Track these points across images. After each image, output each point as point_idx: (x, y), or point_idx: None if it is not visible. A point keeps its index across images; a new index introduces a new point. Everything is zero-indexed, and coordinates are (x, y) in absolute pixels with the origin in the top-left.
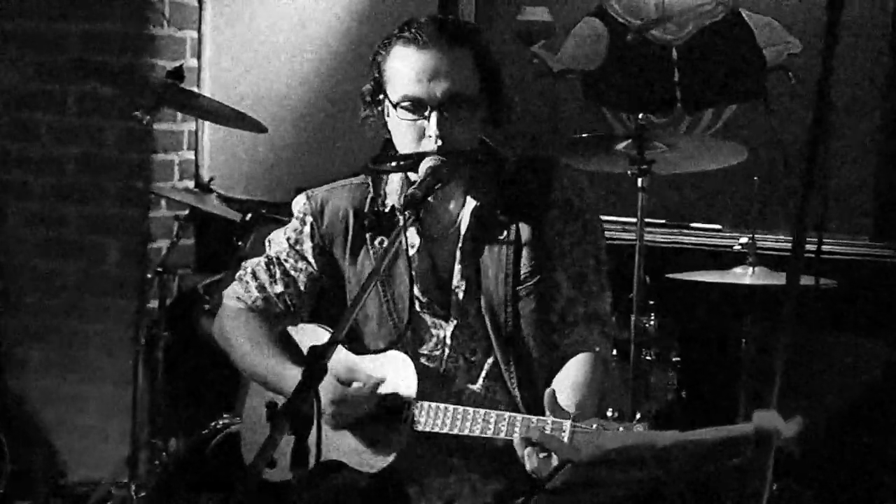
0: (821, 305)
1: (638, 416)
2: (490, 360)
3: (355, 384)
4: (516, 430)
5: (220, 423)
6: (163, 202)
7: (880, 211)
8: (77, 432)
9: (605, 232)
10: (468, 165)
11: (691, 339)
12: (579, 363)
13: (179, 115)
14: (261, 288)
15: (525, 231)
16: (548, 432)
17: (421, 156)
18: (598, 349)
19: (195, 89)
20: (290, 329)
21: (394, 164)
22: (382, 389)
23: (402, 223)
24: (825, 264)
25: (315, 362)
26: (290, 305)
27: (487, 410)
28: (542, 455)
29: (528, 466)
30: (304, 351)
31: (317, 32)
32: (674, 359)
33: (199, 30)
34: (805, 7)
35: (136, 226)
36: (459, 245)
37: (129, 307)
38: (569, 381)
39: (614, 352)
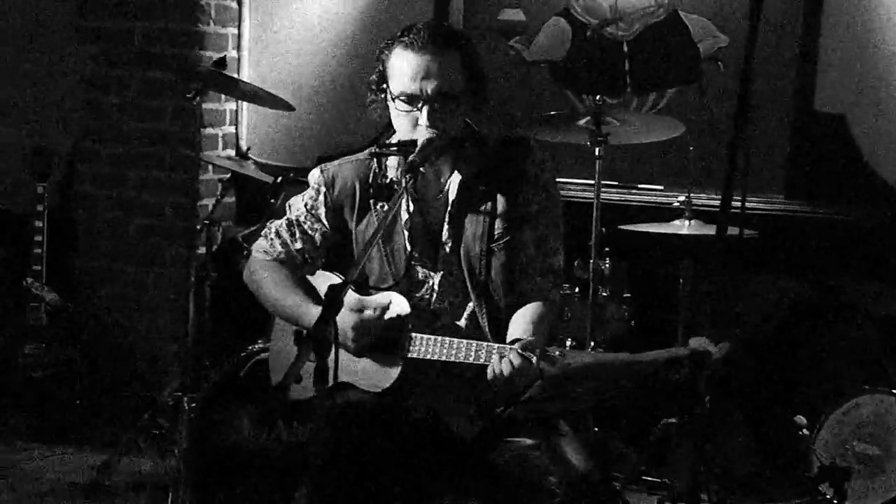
0: (744, 252)
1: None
2: (470, 304)
3: (367, 312)
4: (493, 355)
5: (255, 347)
6: (209, 167)
7: (793, 174)
8: (139, 355)
9: (569, 191)
10: (456, 146)
11: (639, 279)
12: (535, 307)
13: (223, 96)
14: (283, 244)
15: (501, 201)
16: (518, 361)
17: (415, 143)
18: (550, 298)
19: (236, 75)
20: (308, 277)
21: (394, 148)
22: (385, 315)
23: (403, 185)
24: (748, 218)
25: (334, 297)
26: (308, 258)
27: (469, 341)
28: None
29: (492, 373)
30: (321, 293)
31: (334, 29)
32: (625, 295)
33: (239, 27)
34: (731, 9)
35: (188, 186)
36: (448, 210)
37: (181, 253)
38: (526, 319)
39: (577, 289)
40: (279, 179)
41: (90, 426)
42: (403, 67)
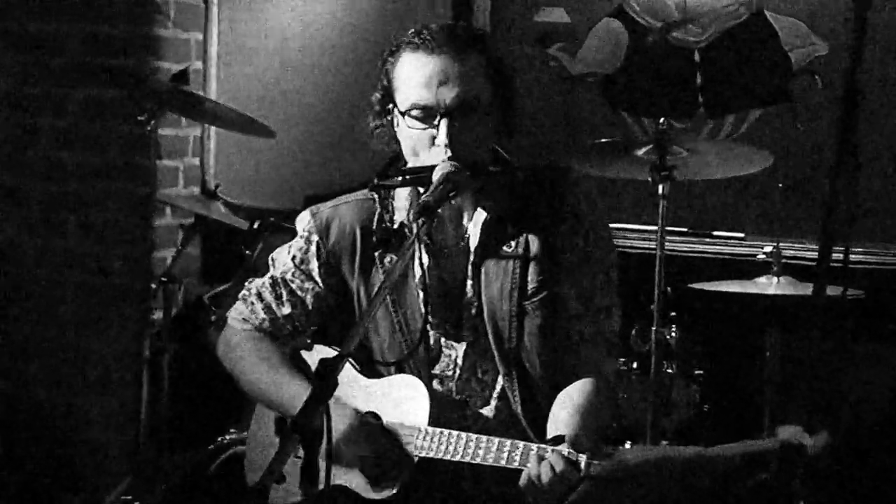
0: (848, 316)
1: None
2: (500, 380)
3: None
4: (531, 455)
5: (227, 438)
6: (167, 210)
7: None
8: (80, 447)
9: (625, 241)
10: (480, 177)
11: (714, 352)
12: (583, 387)
13: (184, 119)
14: (267, 309)
15: (534, 243)
16: (562, 466)
17: (430, 169)
18: (602, 372)
19: (201, 93)
20: (303, 353)
21: (401, 178)
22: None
23: (415, 231)
24: (852, 274)
25: (325, 376)
26: (298, 326)
27: (501, 439)
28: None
29: (526, 480)
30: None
31: (327, 33)
32: (696, 372)
33: (204, 31)
34: (832, 7)
35: (140, 234)
36: (471, 260)
37: (132, 318)
38: (573, 405)
39: (635, 365)
40: (256, 225)
41: None
42: (414, 73)
